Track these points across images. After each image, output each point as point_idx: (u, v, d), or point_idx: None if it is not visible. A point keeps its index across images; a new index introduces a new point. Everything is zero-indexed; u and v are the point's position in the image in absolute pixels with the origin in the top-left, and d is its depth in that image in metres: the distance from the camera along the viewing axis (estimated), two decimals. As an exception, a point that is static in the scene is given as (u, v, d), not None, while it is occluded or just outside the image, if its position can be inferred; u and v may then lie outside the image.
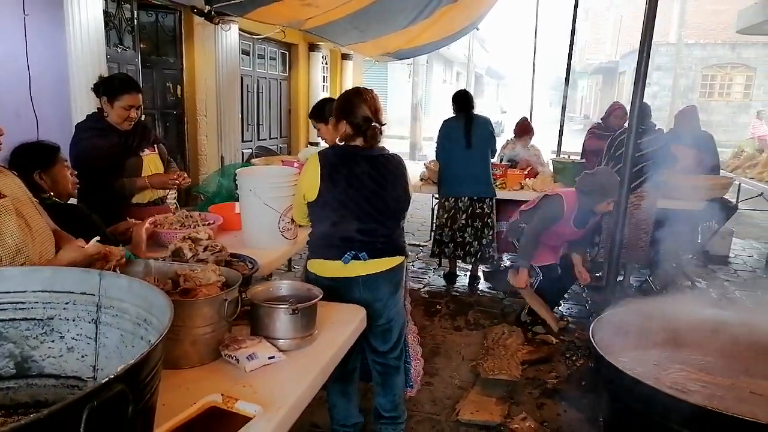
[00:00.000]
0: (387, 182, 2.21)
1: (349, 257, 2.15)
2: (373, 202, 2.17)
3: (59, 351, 1.30)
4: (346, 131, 2.20)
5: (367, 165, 2.17)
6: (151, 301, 1.18)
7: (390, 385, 2.44)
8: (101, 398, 0.80)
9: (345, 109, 2.21)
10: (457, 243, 4.61)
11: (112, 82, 2.78)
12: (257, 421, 1.28)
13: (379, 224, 2.21)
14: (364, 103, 2.19)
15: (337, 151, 2.22)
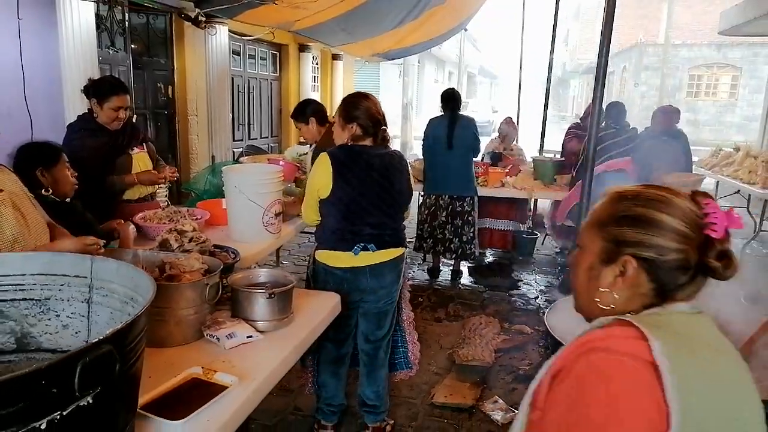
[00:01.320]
0: (393, 178, 2.39)
1: (359, 249, 2.35)
2: (382, 197, 2.36)
3: (55, 328, 1.44)
4: (355, 132, 2.37)
5: (375, 163, 2.35)
6: (137, 282, 1.33)
7: (375, 377, 2.62)
8: (92, 355, 0.95)
9: (353, 112, 2.37)
10: (437, 239, 4.77)
11: (101, 84, 2.91)
12: (233, 389, 1.43)
13: (388, 218, 2.42)
14: (373, 107, 2.38)
15: (345, 150, 2.39)
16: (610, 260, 0.95)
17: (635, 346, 0.80)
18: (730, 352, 0.90)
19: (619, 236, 0.94)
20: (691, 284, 0.92)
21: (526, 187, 5.01)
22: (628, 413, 0.76)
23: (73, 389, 0.93)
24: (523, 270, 5.38)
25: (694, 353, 0.83)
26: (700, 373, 0.81)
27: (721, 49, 18.97)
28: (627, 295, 0.94)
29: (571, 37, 34.09)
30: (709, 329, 0.91)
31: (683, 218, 0.91)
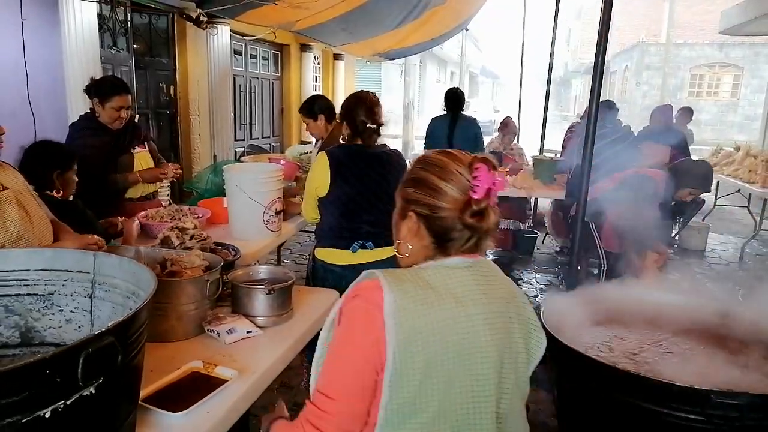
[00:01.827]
0: (391, 177, 2.42)
1: (357, 246, 2.39)
2: (380, 196, 2.40)
3: (59, 322, 1.47)
4: (348, 132, 2.44)
5: (372, 161, 2.40)
6: (138, 277, 1.36)
7: None
8: (95, 346, 0.97)
9: (346, 113, 2.44)
10: None
11: (102, 84, 2.94)
12: (233, 383, 1.46)
13: (386, 216, 2.42)
14: (362, 108, 2.42)
15: (343, 149, 2.43)
16: (404, 216, 1.14)
17: (375, 295, 1.00)
18: (471, 303, 1.05)
19: (407, 196, 1.13)
20: (463, 239, 1.08)
21: (525, 186, 5.03)
22: (358, 342, 1.01)
23: (76, 379, 0.96)
24: (523, 268, 5.40)
25: (427, 301, 1.01)
26: (425, 314, 1.00)
27: (723, 48, 18.96)
28: (417, 247, 1.13)
29: (573, 36, 34.07)
30: (466, 282, 1.07)
31: (454, 182, 1.07)
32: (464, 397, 1.02)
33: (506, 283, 1.16)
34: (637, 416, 1.73)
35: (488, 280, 1.11)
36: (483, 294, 1.08)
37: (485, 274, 1.12)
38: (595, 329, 2.24)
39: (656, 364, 1.94)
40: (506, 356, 1.08)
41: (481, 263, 1.13)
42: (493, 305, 1.08)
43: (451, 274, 1.07)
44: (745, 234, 6.47)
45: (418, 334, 0.99)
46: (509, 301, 1.12)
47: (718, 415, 1.57)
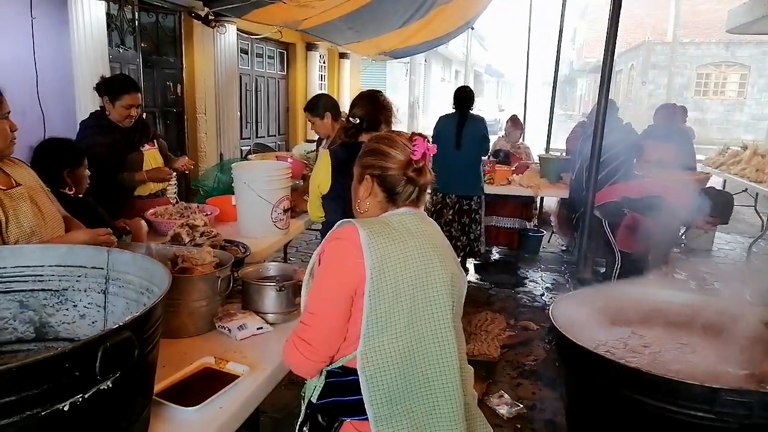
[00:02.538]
0: None
1: None
2: None
3: (72, 318, 1.49)
4: (348, 125, 2.45)
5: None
6: (152, 273, 1.37)
7: None
8: (113, 340, 0.98)
9: (371, 112, 2.43)
10: None
11: (113, 82, 2.96)
12: (244, 379, 1.47)
13: None
14: (385, 109, 2.45)
15: (344, 146, 2.44)
16: (361, 180, 1.47)
17: (352, 234, 1.28)
18: (423, 237, 1.36)
19: (364, 163, 1.46)
20: (407, 192, 1.40)
21: (532, 185, 5.03)
22: (337, 270, 1.30)
23: (94, 373, 0.97)
24: (529, 267, 5.40)
25: (391, 236, 1.31)
26: (391, 245, 1.29)
27: (729, 47, 18.84)
28: (372, 204, 1.45)
29: (579, 35, 33.96)
30: (415, 223, 1.38)
31: (399, 149, 1.41)
32: (426, 311, 1.31)
33: (436, 225, 1.49)
34: (646, 414, 1.73)
35: (428, 223, 1.44)
36: (428, 232, 1.39)
37: (424, 218, 1.44)
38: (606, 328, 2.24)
39: (667, 362, 1.94)
40: (453, 277, 1.37)
41: (421, 213, 1.45)
42: (436, 239, 1.40)
43: (404, 219, 1.38)
44: (752, 233, 6.44)
45: (388, 260, 1.27)
46: (444, 238, 1.46)
47: (727, 413, 1.57)
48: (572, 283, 4.66)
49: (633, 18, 22.60)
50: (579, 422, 2.15)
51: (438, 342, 1.32)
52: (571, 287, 4.63)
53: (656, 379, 1.68)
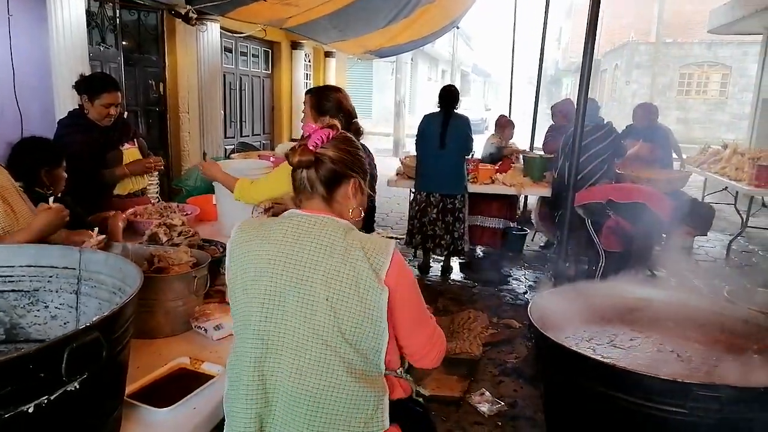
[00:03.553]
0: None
1: None
2: None
3: (44, 319, 1.47)
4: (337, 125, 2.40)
5: None
6: (125, 272, 1.36)
7: None
8: (80, 341, 0.97)
9: (328, 105, 2.43)
10: (427, 235, 4.81)
11: (92, 80, 2.92)
12: (220, 379, 1.46)
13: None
14: (345, 100, 2.44)
15: None
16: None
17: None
18: (275, 241, 1.30)
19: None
20: (300, 196, 1.37)
21: (515, 183, 5.05)
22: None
23: (60, 374, 0.96)
24: (512, 265, 5.43)
25: (250, 239, 1.31)
26: (246, 244, 1.31)
27: (711, 47, 19.09)
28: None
29: (564, 35, 34.19)
30: (280, 227, 1.31)
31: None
32: (244, 312, 1.29)
33: (328, 236, 1.30)
34: (621, 409, 1.75)
35: (306, 231, 1.31)
36: (288, 238, 1.30)
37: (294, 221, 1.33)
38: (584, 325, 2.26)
39: (643, 359, 1.96)
40: (289, 292, 1.26)
41: (307, 216, 1.34)
42: (292, 249, 1.28)
43: (282, 221, 1.35)
44: (732, 231, 6.54)
45: (235, 260, 1.32)
46: (323, 251, 1.28)
47: (699, 408, 1.59)
48: (552, 281, 4.69)
49: (617, 18, 22.82)
50: (557, 419, 2.16)
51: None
52: (552, 285, 4.67)
53: (630, 375, 1.70)
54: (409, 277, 1.32)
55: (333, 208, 1.36)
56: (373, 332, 1.25)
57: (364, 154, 1.45)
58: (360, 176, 1.39)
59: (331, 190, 1.35)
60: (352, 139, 1.42)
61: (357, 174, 1.38)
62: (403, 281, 1.29)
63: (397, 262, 1.27)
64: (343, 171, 1.35)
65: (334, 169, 1.34)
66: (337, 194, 1.36)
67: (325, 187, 1.34)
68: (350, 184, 1.37)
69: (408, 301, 1.32)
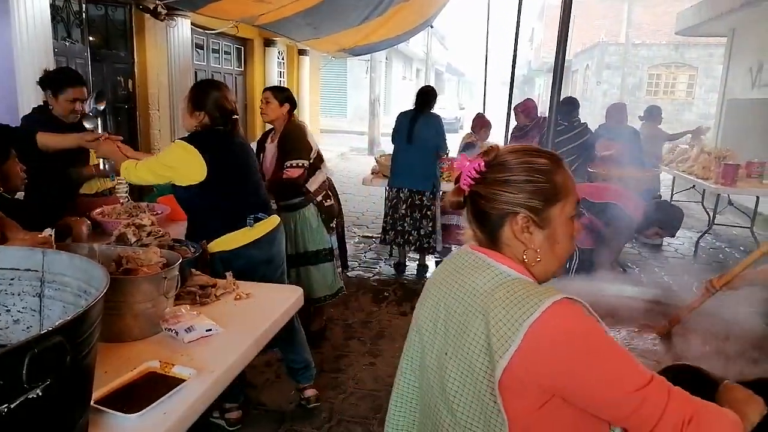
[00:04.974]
0: (252, 154, 2.63)
1: (252, 220, 2.43)
2: (254, 169, 2.56)
3: (5, 323, 1.41)
4: (203, 120, 2.43)
5: (236, 141, 2.50)
6: (90, 274, 1.31)
7: (296, 341, 2.71)
8: (41, 346, 0.93)
9: (205, 101, 2.43)
10: (398, 231, 4.85)
11: (56, 75, 2.85)
12: (191, 382, 1.42)
13: (263, 189, 2.62)
14: (224, 97, 2.46)
15: (208, 134, 2.43)
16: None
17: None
18: (442, 273, 1.16)
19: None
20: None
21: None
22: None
23: (21, 381, 0.91)
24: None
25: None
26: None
27: (678, 48, 19.53)
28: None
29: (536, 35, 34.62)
30: (452, 259, 1.17)
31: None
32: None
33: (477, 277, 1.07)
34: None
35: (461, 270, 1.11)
36: (447, 272, 1.13)
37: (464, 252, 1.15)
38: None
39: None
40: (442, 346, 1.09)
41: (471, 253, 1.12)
42: (446, 287, 1.11)
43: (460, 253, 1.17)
44: (700, 228, 6.70)
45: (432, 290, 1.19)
46: (462, 300, 1.06)
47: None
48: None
49: (588, 19, 23.20)
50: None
51: None
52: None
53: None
54: (567, 352, 0.92)
55: (503, 250, 1.07)
56: (483, 419, 1.00)
57: (539, 176, 1.04)
58: (529, 211, 1.03)
59: (491, 232, 1.07)
60: (521, 159, 1.06)
61: (523, 208, 1.03)
62: (550, 360, 0.92)
63: (540, 335, 0.91)
64: (499, 210, 1.05)
65: (485, 211, 1.07)
66: (502, 236, 1.07)
67: (485, 231, 1.09)
68: (514, 223, 1.04)
69: (571, 377, 0.92)
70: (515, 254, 1.06)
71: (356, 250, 5.78)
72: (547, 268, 1.08)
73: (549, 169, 1.05)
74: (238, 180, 2.44)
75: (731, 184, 5.56)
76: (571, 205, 1.07)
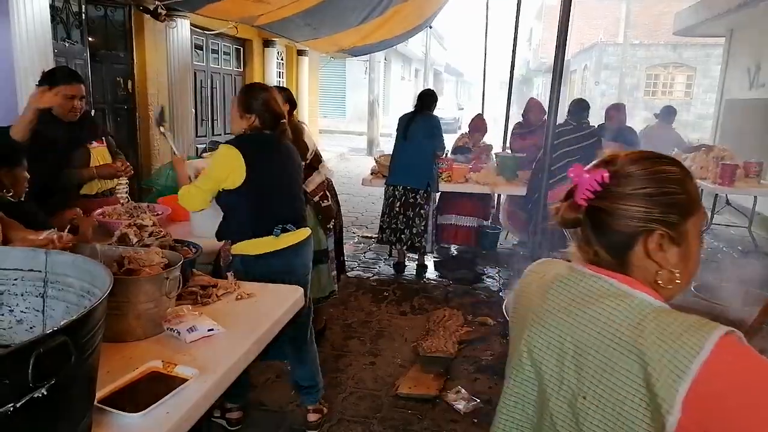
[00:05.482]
0: (293, 161, 2.55)
1: (279, 230, 2.39)
2: (293, 179, 2.52)
3: (9, 323, 1.42)
4: (254, 123, 2.43)
5: (280, 148, 2.49)
6: (93, 274, 1.32)
7: (305, 358, 2.66)
8: (47, 346, 0.94)
9: (255, 104, 2.43)
10: (392, 229, 4.88)
11: (53, 73, 2.85)
12: (194, 382, 1.43)
13: (299, 200, 2.56)
14: (273, 100, 2.47)
15: (251, 138, 2.43)
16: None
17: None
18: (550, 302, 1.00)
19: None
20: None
21: (489, 182, 5.10)
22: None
23: (26, 381, 0.92)
24: (486, 264, 5.48)
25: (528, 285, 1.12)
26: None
27: (676, 49, 19.58)
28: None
29: (534, 36, 34.64)
30: (559, 287, 1.00)
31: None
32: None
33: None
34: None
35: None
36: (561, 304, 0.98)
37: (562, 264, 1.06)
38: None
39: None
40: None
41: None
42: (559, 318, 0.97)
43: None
44: (698, 228, 6.70)
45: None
46: (597, 337, 0.91)
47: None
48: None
49: (586, 20, 23.23)
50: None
51: None
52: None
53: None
54: (746, 399, 0.77)
55: (631, 272, 0.94)
56: None
57: (674, 187, 0.91)
58: (666, 227, 0.90)
59: (619, 252, 0.94)
60: (650, 169, 0.92)
61: (660, 224, 0.90)
62: (727, 410, 0.78)
63: (713, 379, 0.78)
64: (630, 227, 0.92)
65: (619, 229, 0.92)
66: (632, 257, 0.93)
67: (611, 252, 0.95)
68: (649, 241, 0.91)
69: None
70: (645, 276, 0.93)
71: (356, 250, 5.79)
72: (676, 290, 0.94)
73: (682, 178, 0.92)
74: (271, 189, 2.42)
75: (729, 184, 5.58)
76: (702, 215, 0.95)
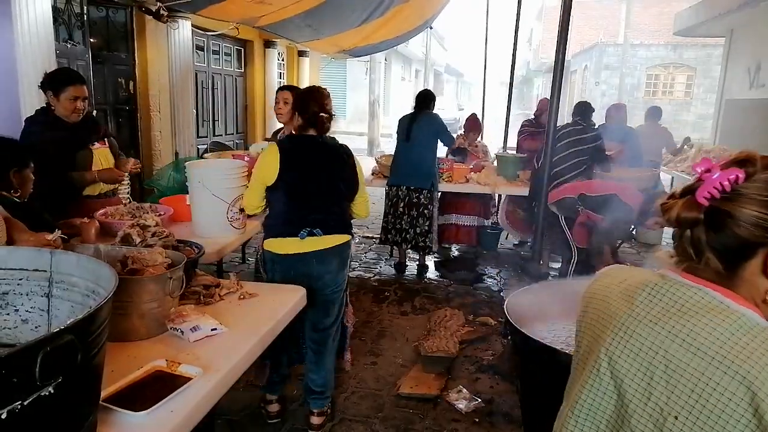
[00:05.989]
0: (338, 166, 2.54)
1: (305, 233, 2.43)
2: (329, 184, 2.51)
3: (14, 323, 1.43)
4: (300, 122, 2.52)
5: (321, 150, 2.51)
6: (98, 274, 1.33)
7: (323, 364, 2.66)
8: (54, 345, 0.95)
9: (300, 104, 2.53)
10: (397, 230, 4.89)
11: (55, 75, 2.86)
12: (197, 381, 1.44)
13: (333, 204, 2.54)
14: (314, 99, 2.51)
15: (292, 139, 2.53)
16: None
17: None
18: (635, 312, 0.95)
19: None
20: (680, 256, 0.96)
21: (489, 182, 5.11)
22: None
23: (34, 379, 0.93)
24: (487, 264, 5.49)
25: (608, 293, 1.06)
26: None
27: (676, 49, 19.60)
28: None
29: (535, 36, 34.65)
30: (645, 297, 0.95)
31: None
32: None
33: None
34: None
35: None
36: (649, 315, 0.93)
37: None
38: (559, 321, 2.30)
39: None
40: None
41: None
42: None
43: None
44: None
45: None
46: (697, 357, 0.84)
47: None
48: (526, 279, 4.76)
49: (586, 20, 23.24)
50: (533, 414, 2.20)
51: None
52: (527, 282, 4.73)
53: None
54: None
55: (735, 285, 0.87)
56: None
57: None
58: None
59: (733, 264, 0.86)
60: None
61: None
62: None
63: None
64: (757, 237, 0.84)
65: (742, 237, 0.84)
66: (744, 269, 0.86)
67: (723, 260, 0.86)
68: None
69: None
70: (752, 293, 0.86)
71: (357, 250, 5.80)
72: None
73: None
74: (305, 191, 2.47)
75: (729, 184, 5.58)
76: None
